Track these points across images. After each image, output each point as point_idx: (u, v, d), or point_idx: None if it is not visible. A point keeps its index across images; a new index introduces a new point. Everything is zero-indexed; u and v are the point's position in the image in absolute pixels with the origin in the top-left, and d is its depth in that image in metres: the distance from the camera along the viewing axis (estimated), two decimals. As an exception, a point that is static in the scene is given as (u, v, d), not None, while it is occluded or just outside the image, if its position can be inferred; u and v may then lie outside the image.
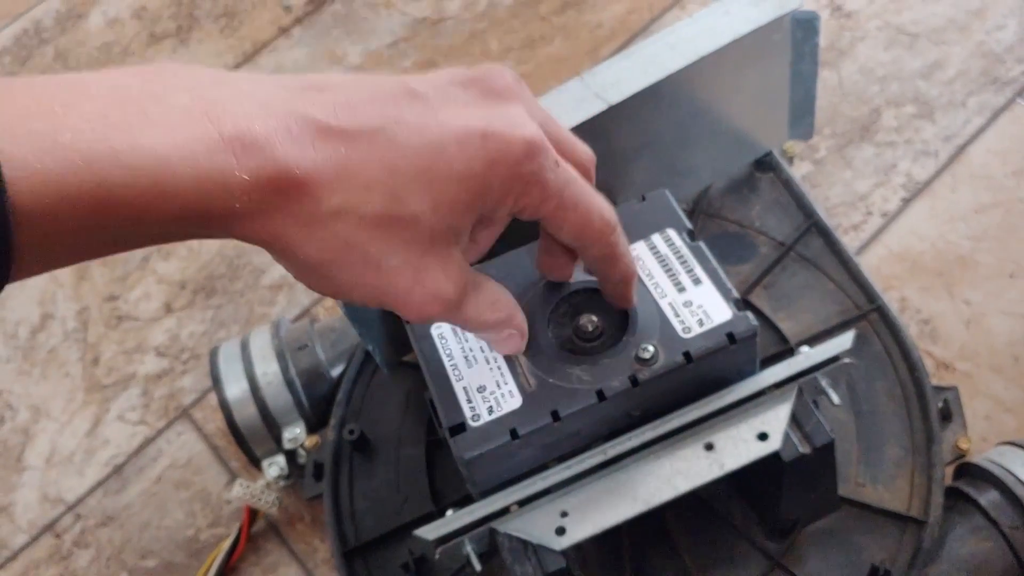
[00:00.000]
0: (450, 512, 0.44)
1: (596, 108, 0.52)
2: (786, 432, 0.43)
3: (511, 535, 0.43)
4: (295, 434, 0.64)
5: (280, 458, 0.65)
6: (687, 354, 0.43)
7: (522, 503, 0.43)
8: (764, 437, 0.43)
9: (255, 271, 0.82)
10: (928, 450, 0.54)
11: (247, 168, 0.30)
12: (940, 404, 0.56)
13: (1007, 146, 0.76)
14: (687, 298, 0.45)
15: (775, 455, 0.43)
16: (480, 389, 0.44)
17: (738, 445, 0.43)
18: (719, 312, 0.44)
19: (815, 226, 0.62)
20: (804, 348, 0.46)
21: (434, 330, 0.46)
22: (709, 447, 0.43)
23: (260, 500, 0.65)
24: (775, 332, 0.58)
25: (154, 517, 0.71)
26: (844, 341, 0.45)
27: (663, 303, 0.45)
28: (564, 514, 0.43)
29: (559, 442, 0.44)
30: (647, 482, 0.43)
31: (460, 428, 0.43)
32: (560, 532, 0.42)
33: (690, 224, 0.48)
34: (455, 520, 0.43)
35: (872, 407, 0.55)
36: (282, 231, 0.32)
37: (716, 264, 0.46)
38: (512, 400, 0.43)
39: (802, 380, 0.45)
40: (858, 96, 0.80)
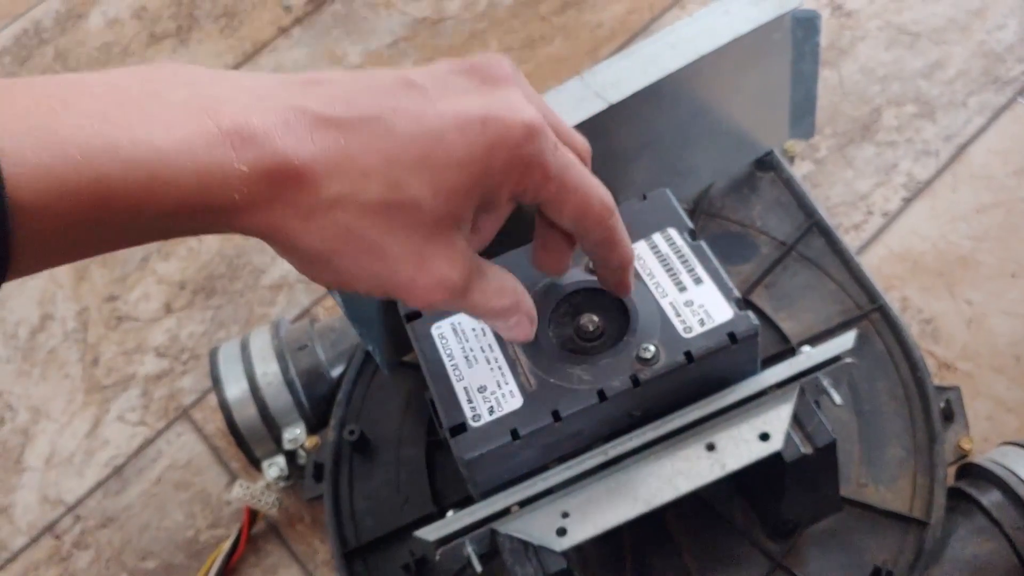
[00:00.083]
0: (451, 513, 0.44)
1: (596, 107, 0.52)
2: (788, 432, 0.43)
3: (512, 536, 0.43)
4: (295, 435, 0.64)
5: (280, 459, 0.65)
6: (688, 354, 0.43)
7: (523, 504, 0.43)
8: (766, 437, 0.43)
9: (255, 271, 0.81)
10: (930, 450, 0.53)
11: (246, 160, 0.30)
12: (942, 404, 0.56)
13: (1008, 146, 0.75)
14: (688, 297, 0.45)
15: (777, 455, 0.43)
16: (481, 389, 0.44)
17: (739, 445, 0.43)
18: (720, 312, 0.44)
19: (816, 226, 0.62)
20: (806, 348, 0.46)
21: (434, 330, 0.46)
22: (710, 447, 0.43)
23: (260, 501, 0.65)
24: (776, 332, 0.58)
25: (154, 518, 0.71)
26: (846, 341, 0.45)
27: (664, 302, 0.45)
28: (565, 515, 0.43)
29: (560, 442, 0.44)
30: (648, 483, 0.43)
31: (461, 428, 0.43)
32: (561, 533, 0.42)
33: (691, 223, 0.48)
34: (456, 521, 0.43)
35: (874, 407, 0.55)
36: (282, 222, 0.32)
37: (717, 263, 0.46)
38: (513, 400, 0.43)
39: (804, 380, 0.45)
40: (859, 95, 0.80)
